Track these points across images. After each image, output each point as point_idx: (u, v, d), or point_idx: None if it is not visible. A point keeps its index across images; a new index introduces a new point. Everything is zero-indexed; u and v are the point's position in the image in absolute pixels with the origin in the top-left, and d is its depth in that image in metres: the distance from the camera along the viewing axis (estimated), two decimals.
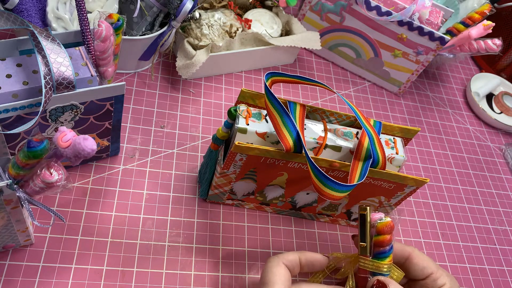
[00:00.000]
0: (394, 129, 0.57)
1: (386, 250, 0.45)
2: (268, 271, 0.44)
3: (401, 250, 0.49)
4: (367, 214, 0.46)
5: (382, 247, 0.45)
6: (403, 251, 0.49)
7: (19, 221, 0.45)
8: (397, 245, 0.50)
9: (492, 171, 0.83)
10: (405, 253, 0.49)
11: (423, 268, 0.48)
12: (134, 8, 0.65)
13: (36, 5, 0.61)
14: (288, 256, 0.46)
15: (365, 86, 0.88)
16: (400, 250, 0.49)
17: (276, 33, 0.80)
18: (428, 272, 0.48)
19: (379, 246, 0.45)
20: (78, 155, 0.38)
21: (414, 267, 0.49)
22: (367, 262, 0.45)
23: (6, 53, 0.49)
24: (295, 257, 0.46)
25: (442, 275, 0.48)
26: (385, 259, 0.45)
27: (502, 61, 1.02)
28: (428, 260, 0.49)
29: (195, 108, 0.72)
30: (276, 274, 0.44)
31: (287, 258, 0.46)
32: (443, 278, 0.48)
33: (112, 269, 0.52)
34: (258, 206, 0.62)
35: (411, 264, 0.49)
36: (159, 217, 0.58)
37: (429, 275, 0.48)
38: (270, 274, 0.44)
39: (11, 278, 0.49)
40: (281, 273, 0.44)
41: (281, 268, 0.44)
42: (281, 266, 0.45)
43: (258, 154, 0.50)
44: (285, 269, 0.45)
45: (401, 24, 0.77)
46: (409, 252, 0.49)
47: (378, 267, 0.45)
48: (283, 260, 0.45)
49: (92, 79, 0.48)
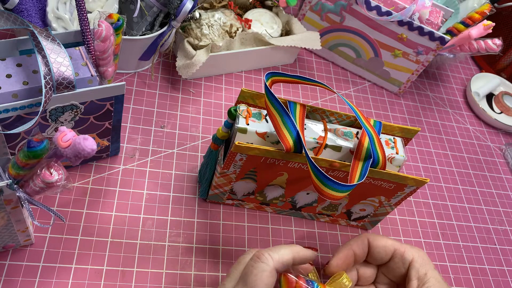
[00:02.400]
0: (394, 129, 0.57)
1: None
2: (258, 276, 0.40)
3: (360, 243, 0.48)
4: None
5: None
6: (361, 243, 0.48)
7: (19, 221, 0.45)
8: (355, 244, 0.48)
9: (492, 171, 0.83)
10: (363, 243, 0.48)
11: (383, 247, 0.47)
12: (134, 8, 0.65)
13: (36, 5, 0.61)
14: (283, 257, 0.42)
15: (365, 86, 0.88)
16: (359, 244, 0.48)
17: (276, 33, 0.80)
18: (391, 249, 0.47)
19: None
20: (78, 155, 0.38)
21: (375, 249, 0.47)
22: None
23: (6, 53, 0.49)
24: (289, 259, 0.42)
25: (407, 249, 0.47)
26: None
27: (502, 61, 1.02)
28: (386, 239, 0.48)
29: (195, 108, 0.72)
30: (265, 282, 0.39)
31: (281, 260, 0.41)
32: (408, 252, 0.46)
33: (112, 269, 0.52)
34: (258, 206, 0.62)
35: (372, 248, 0.48)
36: (159, 217, 0.58)
37: (393, 252, 0.47)
38: (259, 280, 0.39)
39: (11, 278, 0.49)
40: (269, 283, 0.40)
41: (272, 276, 0.40)
42: (273, 274, 0.40)
43: (258, 154, 0.50)
44: (274, 278, 0.41)
45: (401, 24, 0.77)
46: (366, 239, 0.48)
47: None
48: (277, 264, 0.41)
49: (92, 79, 0.48)
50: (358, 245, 0.49)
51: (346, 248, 0.49)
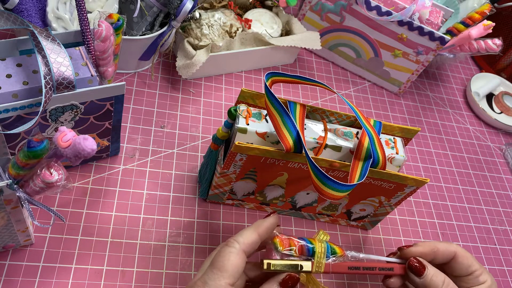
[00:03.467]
0: (394, 129, 0.57)
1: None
2: (225, 257, 0.42)
3: (447, 249, 0.49)
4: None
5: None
6: (448, 252, 0.49)
7: (19, 221, 0.45)
8: (442, 245, 0.50)
9: (492, 171, 0.83)
10: (450, 254, 0.49)
11: (468, 266, 0.49)
12: (134, 8, 0.65)
13: (36, 5, 0.61)
14: (248, 239, 0.43)
15: (365, 86, 0.88)
16: (446, 249, 0.49)
17: (276, 33, 0.80)
18: (473, 269, 0.49)
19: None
20: (78, 155, 0.38)
21: (460, 266, 0.49)
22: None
23: (6, 53, 0.49)
24: (255, 238, 0.44)
25: (484, 272, 0.49)
26: None
27: (502, 61, 1.01)
28: (472, 257, 0.50)
29: (195, 108, 0.72)
30: (232, 263, 0.41)
31: (248, 242, 0.43)
32: (484, 275, 0.49)
33: (112, 269, 0.52)
34: (258, 206, 0.62)
35: (456, 264, 0.49)
36: (159, 217, 0.58)
37: (472, 272, 0.49)
38: (226, 261, 0.41)
39: (11, 278, 0.49)
40: (237, 263, 0.42)
41: (239, 257, 0.42)
42: (240, 255, 0.42)
43: (258, 154, 0.50)
44: (243, 259, 0.42)
45: (401, 24, 0.77)
46: (454, 252, 0.49)
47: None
48: (244, 246, 0.43)
49: (92, 79, 0.48)
50: (444, 249, 0.49)
51: (433, 246, 0.50)
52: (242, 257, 0.42)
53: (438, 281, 0.46)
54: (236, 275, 0.41)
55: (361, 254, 0.47)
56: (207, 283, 0.41)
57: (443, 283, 0.46)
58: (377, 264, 0.48)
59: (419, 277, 0.47)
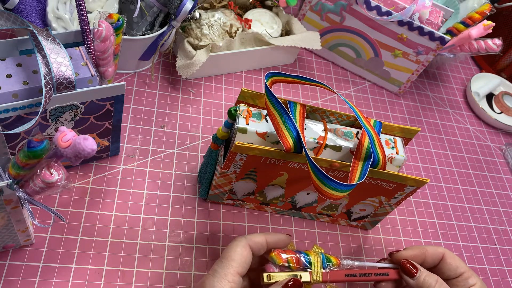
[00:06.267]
0: (394, 129, 0.57)
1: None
2: (232, 248, 0.45)
3: (435, 251, 0.50)
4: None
5: None
6: (437, 253, 0.50)
7: (19, 221, 0.45)
8: (430, 247, 0.51)
9: (492, 171, 0.83)
10: (439, 255, 0.50)
11: (456, 267, 0.50)
12: (134, 8, 0.65)
13: (36, 5, 0.61)
14: (256, 238, 0.46)
15: (365, 86, 0.88)
16: (435, 251, 0.50)
17: (276, 33, 0.80)
18: (461, 271, 0.49)
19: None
20: (78, 155, 0.38)
21: (448, 266, 0.50)
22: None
23: (6, 53, 0.49)
24: (262, 240, 0.47)
25: (473, 275, 0.50)
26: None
27: (502, 61, 1.01)
28: (459, 260, 0.51)
29: (195, 108, 0.72)
30: (238, 253, 0.44)
31: (254, 240, 0.46)
32: (473, 278, 0.49)
33: (112, 269, 0.52)
34: (258, 206, 0.62)
35: (445, 264, 0.50)
36: (159, 217, 0.58)
37: (461, 274, 0.49)
38: (233, 251, 0.44)
39: (11, 278, 0.49)
40: (244, 254, 0.44)
41: (245, 249, 0.45)
42: (246, 247, 0.45)
43: (258, 154, 0.50)
44: (249, 251, 0.45)
45: (401, 24, 0.77)
46: (442, 253, 0.50)
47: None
48: (250, 242, 0.46)
49: (92, 79, 0.48)
50: (433, 252, 0.51)
51: (421, 248, 0.51)
52: (248, 250, 0.45)
53: (431, 280, 0.48)
54: (243, 264, 0.44)
55: (355, 262, 0.49)
56: (216, 270, 0.44)
57: (436, 282, 0.48)
58: (373, 270, 0.49)
59: (412, 278, 0.48)
